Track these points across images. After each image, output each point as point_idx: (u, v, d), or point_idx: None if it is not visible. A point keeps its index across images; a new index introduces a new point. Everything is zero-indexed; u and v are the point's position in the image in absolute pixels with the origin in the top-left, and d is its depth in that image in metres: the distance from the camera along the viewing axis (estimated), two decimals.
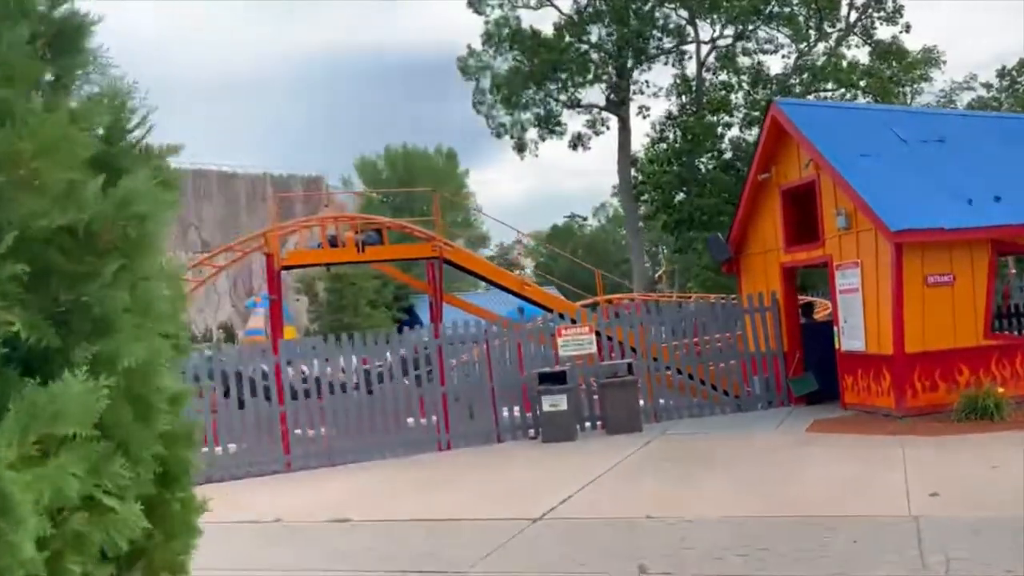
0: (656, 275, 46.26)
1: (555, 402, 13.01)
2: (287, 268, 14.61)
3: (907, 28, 36.15)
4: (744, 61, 34.81)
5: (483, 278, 15.35)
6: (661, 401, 14.37)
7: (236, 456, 12.78)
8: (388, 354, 13.61)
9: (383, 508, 9.44)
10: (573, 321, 14.29)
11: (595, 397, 13.91)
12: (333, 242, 15.27)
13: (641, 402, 13.93)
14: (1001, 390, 11.10)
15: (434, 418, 13.41)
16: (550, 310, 15.10)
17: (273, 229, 14.23)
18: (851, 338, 12.77)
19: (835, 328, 13.19)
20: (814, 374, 14.23)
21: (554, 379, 13.18)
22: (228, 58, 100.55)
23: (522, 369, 13.73)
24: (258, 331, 26.48)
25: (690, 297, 28.50)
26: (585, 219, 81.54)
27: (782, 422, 12.82)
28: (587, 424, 13.95)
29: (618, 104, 33.99)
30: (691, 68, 36.72)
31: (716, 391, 14.57)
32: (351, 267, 42.78)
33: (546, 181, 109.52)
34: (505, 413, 13.73)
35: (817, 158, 12.89)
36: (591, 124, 35.09)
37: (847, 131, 13.40)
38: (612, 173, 36.35)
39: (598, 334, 14.28)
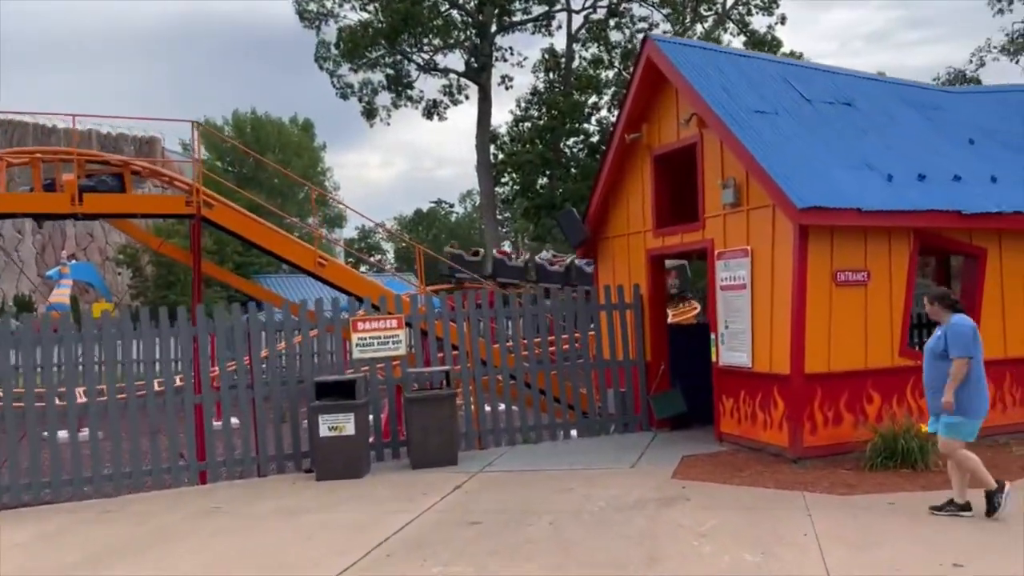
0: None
1: (337, 424, 9.32)
2: None
3: (782, 20, 34.64)
4: (617, 37, 32.18)
5: (260, 247, 11.43)
6: (488, 408, 10.98)
7: None
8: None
9: None
10: (376, 309, 10.64)
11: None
12: (52, 187, 10.91)
13: (463, 413, 10.55)
14: (925, 428, 8.31)
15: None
16: (351, 294, 11.38)
17: None
18: (733, 349, 9.77)
19: (712, 335, 10.17)
20: (681, 391, 11.25)
21: (338, 391, 9.49)
22: (80, 15, 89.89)
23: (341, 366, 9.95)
24: (62, 306, 21.61)
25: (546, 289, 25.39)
26: (451, 206, 78.28)
27: (640, 456, 9.67)
28: (387, 452, 10.36)
29: (478, 70, 30.50)
30: (560, 41, 33.78)
31: (560, 405, 11.32)
32: (182, 240, 37.56)
33: (417, 167, 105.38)
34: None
35: (702, 110, 9.78)
36: (448, 90, 31.44)
37: (740, 82, 10.38)
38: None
39: (413, 328, 10.72)
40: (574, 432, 11.23)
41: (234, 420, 10.01)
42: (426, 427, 9.68)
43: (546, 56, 33.71)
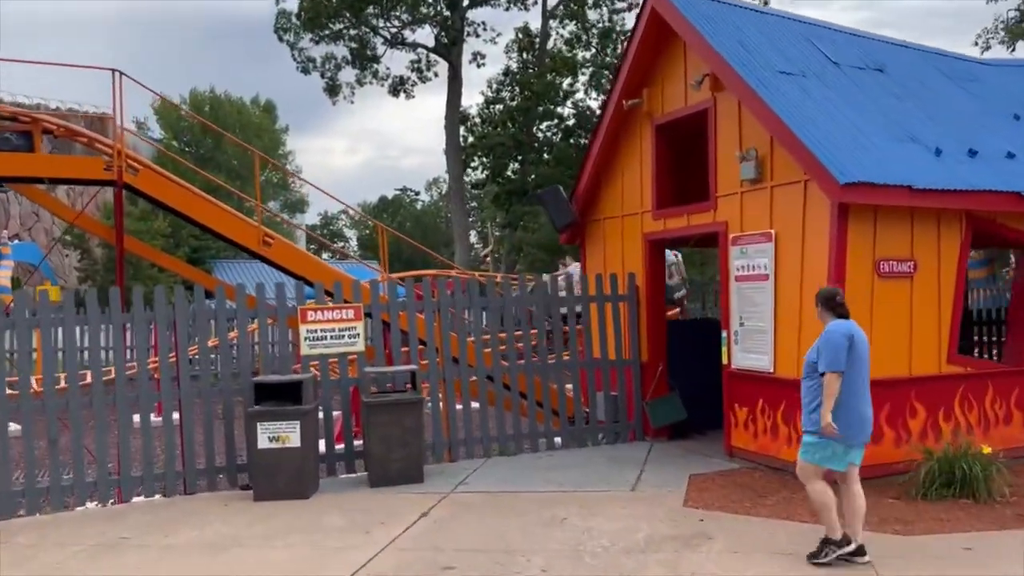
0: (483, 254, 41.53)
1: (279, 434, 7.73)
2: None
3: (765, 2, 33.45)
4: (594, 16, 30.62)
5: (194, 222, 9.74)
6: (459, 407, 9.41)
7: None
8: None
9: None
10: (330, 296, 9.05)
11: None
12: None
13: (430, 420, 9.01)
14: (987, 449, 6.99)
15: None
16: (301, 278, 9.76)
17: None
18: (749, 351, 8.35)
19: (723, 334, 8.75)
20: (680, 396, 9.86)
21: (282, 394, 7.89)
22: None
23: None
24: (3, 289, 19.74)
25: (515, 279, 23.79)
26: (417, 193, 76.75)
27: (640, 475, 8.23)
28: (339, 465, 8.80)
29: (448, 46, 28.79)
30: (535, 19, 32.20)
31: (541, 409, 9.81)
32: (134, 221, 35.23)
33: (382, 155, 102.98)
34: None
35: (719, 68, 8.33)
36: (416, 66, 29.67)
37: (759, 39, 8.96)
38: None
39: (373, 319, 9.14)
40: (558, 441, 9.77)
41: (155, 419, 8.42)
42: (387, 437, 8.13)
43: (519, 35, 32.12)
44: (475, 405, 9.76)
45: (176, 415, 8.27)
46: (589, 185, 10.70)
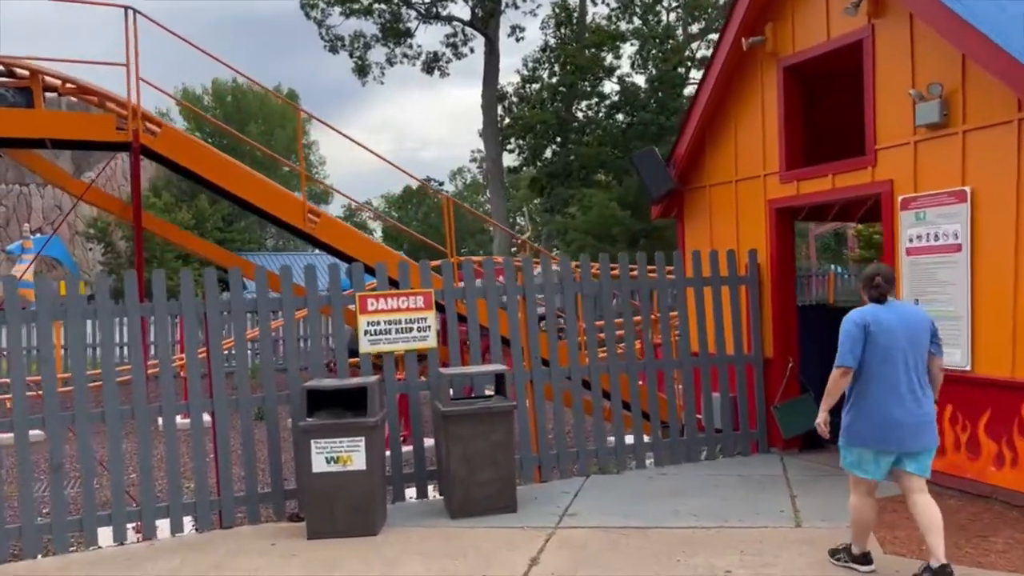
0: (519, 240, 39.57)
1: (340, 454, 6.06)
2: None
3: None
4: None
5: (226, 194, 8.06)
6: (550, 433, 7.67)
7: None
8: None
9: None
10: (394, 284, 7.38)
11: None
12: None
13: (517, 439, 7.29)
14: None
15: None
16: (352, 261, 8.09)
17: None
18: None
19: None
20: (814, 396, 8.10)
21: (342, 402, 6.23)
22: None
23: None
24: (26, 284, 18.54)
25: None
26: (441, 184, 75.54)
27: (795, 503, 6.48)
28: (409, 488, 7.14)
29: (485, 19, 27.00)
30: None
31: (648, 420, 8.12)
32: (157, 212, 33.93)
33: (403, 147, 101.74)
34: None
35: None
36: (451, 41, 27.93)
37: None
38: (471, 144, 29.69)
39: (441, 309, 7.46)
40: (666, 457, 8.02)
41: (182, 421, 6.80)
42: (471, 456, 6.44)
43: (556, 10, 30.30)
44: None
45: (207, 418, 6.68)
46: (692, 147, 8.94)
